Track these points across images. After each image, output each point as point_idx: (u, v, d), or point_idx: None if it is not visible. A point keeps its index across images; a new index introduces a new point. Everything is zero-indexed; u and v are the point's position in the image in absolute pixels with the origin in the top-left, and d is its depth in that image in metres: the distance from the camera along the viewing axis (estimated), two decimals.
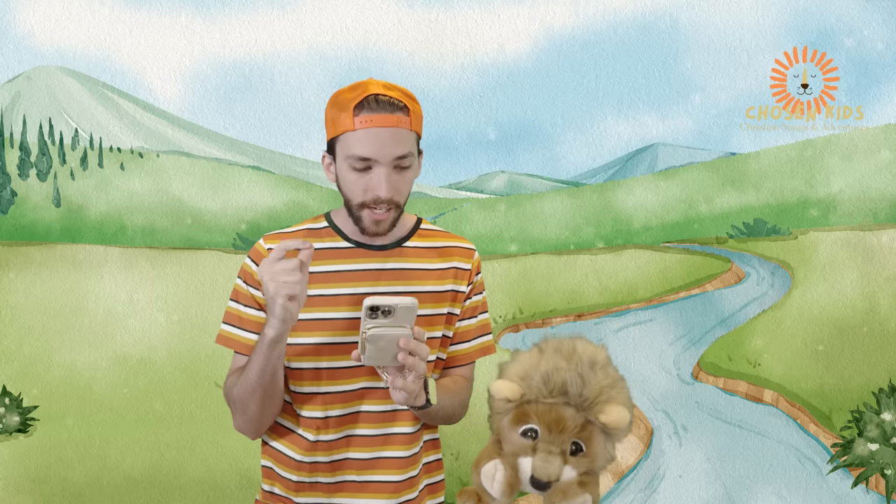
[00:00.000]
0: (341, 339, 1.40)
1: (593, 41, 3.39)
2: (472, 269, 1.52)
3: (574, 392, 0.96)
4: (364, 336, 1.20)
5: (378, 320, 1.19)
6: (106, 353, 3.21)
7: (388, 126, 1.33)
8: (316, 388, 1.41)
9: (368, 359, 1.22)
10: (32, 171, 3.33)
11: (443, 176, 3.49)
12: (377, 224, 1.38)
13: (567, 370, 0.97)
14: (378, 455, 1.43)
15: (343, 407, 1.42)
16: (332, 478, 1.43)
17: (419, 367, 1.23)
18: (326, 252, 1.43)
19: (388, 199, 1.35)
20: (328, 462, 1.42)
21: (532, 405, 0.97)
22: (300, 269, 1.24)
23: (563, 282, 3.51)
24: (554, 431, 0.94)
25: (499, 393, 1.02)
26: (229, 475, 3.07)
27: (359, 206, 1.38)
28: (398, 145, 1.34)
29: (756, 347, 3.46)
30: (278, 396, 1.38)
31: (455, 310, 1.49)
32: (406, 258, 1.46)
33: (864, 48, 3.37)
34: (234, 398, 1.39)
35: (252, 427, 1.41)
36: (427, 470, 1.53)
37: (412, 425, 1.45)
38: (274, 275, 1.23)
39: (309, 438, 1.42)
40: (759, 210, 3.57)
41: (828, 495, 3.21)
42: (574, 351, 1.00)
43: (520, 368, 1.03)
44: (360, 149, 1.33)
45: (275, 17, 3.30)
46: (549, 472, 0.92)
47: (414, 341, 1.22)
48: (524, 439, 0.97)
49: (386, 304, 1.19)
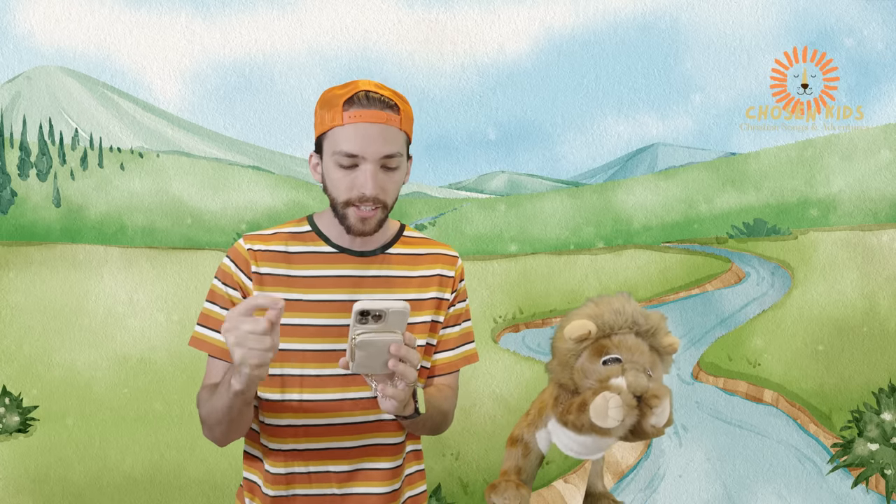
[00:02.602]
0: (320, 346, 1.36)
1: (593, 41, 3.39)
2: (455, 276, 1.48)
3: (641, 322, 1.13)
4: (353, 342, 1.13)
5: (368, 325, 1.13)
6: (106, 353, 3.20)
7: (378, 122, 1.31)
8: (291, 396, 1.37)
9: (358, 366, 1.16)
10: (32, 171, 3.33)
11: (443, 176, 3.49)
12: (363, 222, 1.35)
13: (631, 306, 1.14)
14: (359, 467, 1.40)
15: (322, 416, 1.37)
16: (311, 489, 1.39)
17: (409, 375, 1.18)
18: (308, 256, 1.40)
19: (373, 197, 1.32)
20: (305, 473, 1.39)
21: (606, 339, 1.11)
22: (269, 333, 1.12)
23: (563, 282, 3.51)
24: (635, 353, 1.10)
25: (580, 329, 1.10)
26: (229, 475, 3.07)
27: (344, 205, 1.35)
28: (386, 143, 1.32)
29: (756, 347, 3.46)
30: (246, 424, 1.34)
31: (439, 317, 1.46)
32: (389, 265, 1.42)
33: (864, 48, 3.37)
34: (201, 415, 1.35)
35: (217, 441, 1.37)
36: (409, 482, 1.49)
37: (396, 436, 1.42)
38: (240, 339, 1.11)
39: (283, 449, 1.38)
40: (759, 210, 3.57)
41: (828, 495, 3.21)
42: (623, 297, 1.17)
43: (584, 314, 1.13)
44: (347, 144, 1.31)
45: (275, 17, 3.30)
46: (642, 384, 1.06)
47: (405, 348, 1.15)
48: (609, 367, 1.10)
49: (377, 308, 1.12)
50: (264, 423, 1.41)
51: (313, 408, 1.37)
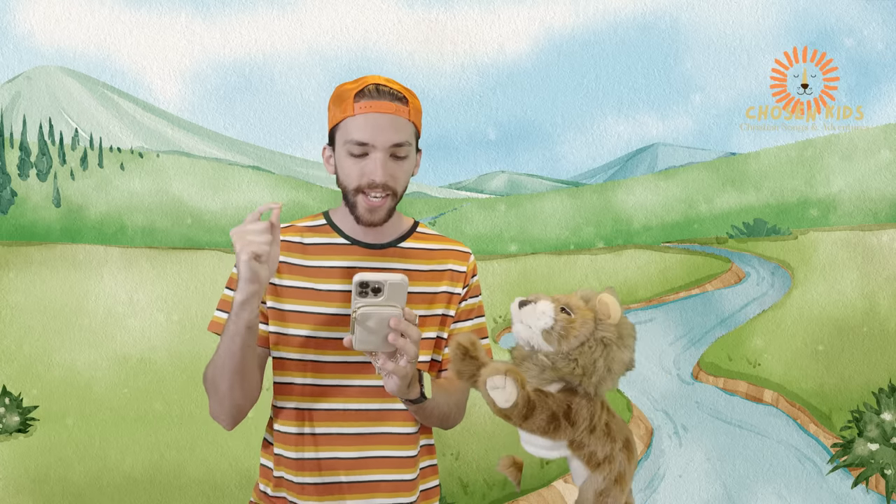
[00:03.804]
0: (331, 333, 1.40)
1: (593, 41, 3.39)
2: (467, 271, 1.52)
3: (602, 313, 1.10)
4: (354, 315, 1.17)
5: (368, 298, 1.17)
6: (106, 353, 3.20)
7: (387, 112, 1.35)
8: (301, 380, 1.41)
9: (359, 342, 1.19)
10: (32, 171, 3.33)
11: (443, 176, 3.49)
12: (371, 212, 1.39)
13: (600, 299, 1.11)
14: (369, 454, 1.42)
15: (329, 401, 1.41)
16: (321, 478, 1.41)
17: (410, 350, 1.21)
18: (322, 248, 1.44)
19: (382, 184, 1.36)
20: (314, 459, 1.41)
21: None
22: (270, 231, 1.24)
23: (563, 282, 3.51)
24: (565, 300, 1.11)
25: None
26: (229, 475, 3.07)
27: (354, 192, 1.38)
28: (396, 132, 1.35)
29: (756, 347, 3.46)
30: (249, 376, 1.35)
31: (450, 311, 1.49)
32: (401, 258, 1.46)
33: (864, 48, 3.37)
34: (206, 377, 1.37)
35: (224, 410, 1.37)
36: (422, 475, 1.51)
37: (408, 425, 1.44)
38: (242, 234, 1.23)
39: (292, 432, 1.41)
40: (759, 210, 3.57)
41: (828, 495, 3.21)
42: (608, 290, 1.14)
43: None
44: (357, 133, 1.35)
45: (275, 17, 3.30)
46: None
47: (405, 322, 1.19)
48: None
49: (375, 280, 1.16)
50: (276, 407, 1.45)
51: (322, 392, 1.41)
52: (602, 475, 1.07)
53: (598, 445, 1.06)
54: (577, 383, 1.05)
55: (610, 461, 1.07)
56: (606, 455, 1.07)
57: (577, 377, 1.04)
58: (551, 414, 1.03)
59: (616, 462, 1.07)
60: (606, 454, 1.07)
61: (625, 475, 1.08)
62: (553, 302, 1.06)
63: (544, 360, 1.05)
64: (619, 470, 1.07)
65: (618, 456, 1.07)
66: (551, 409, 1.03)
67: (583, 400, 1.06)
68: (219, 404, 1.37)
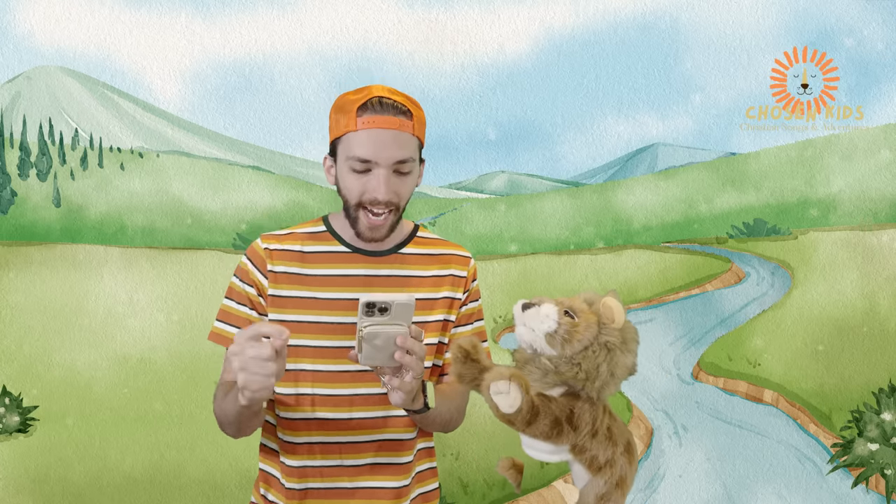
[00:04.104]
0: (333, 342, 1.40)
1: (593, 41, 3.39)
2: (468, 276, 1.51)
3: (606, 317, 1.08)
4: (360, 334, 1.17)
5: (374, 318, 1.17)
6: (106, 353, 3.20)
7: (390, 128, 1.33)
8: (304, 390, 1.41)
9: (366, 358, 1.19)
10: (32, 171, 3.33)
11: (443, 176, 3.49)
12: (372, 230, 1.38)
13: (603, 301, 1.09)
14: (371, 461, 1.43)
15: (333, 410, 1.41)
16: (323, 483, 1.42)
17: (416, 367, 1.21)
18: (322, 255, 1.43)
19: (385, 202, 1.35)
20: (318, 467, 1.42)
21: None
22: (274, 360, 1.14)
23: (563, 282, 3.51)
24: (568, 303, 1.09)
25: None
26: (229, 475, 3.07)
27: (356, 207, 1.37)
28: (399, 149, 1.34)
29: (756, 347, 3.46)
30: (256, 426, 1.38)
31: (451, 316, 1.49)
32: (402, 265, 1.45)
33: (864, 48, 3.37)
34: (215, 412, 1.40)
35: (231, 434, 1.41)
36: (420, 479, 1.52)
37: (408, 432, 1.45)
38: (244, 363, 1.13)
39: (297, 442, 1.42)
40: (759, 210, 3.57)
41: (828, 495, 3.21)
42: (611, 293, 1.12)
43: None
44: (360, 150, 1.33)
45: (275, 17, 3.30)
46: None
47: (411, 339, 1.19)
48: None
49: (382, 300, 1.17)
50: (280, 417, 1.45)
51: (325, 402, 1.41)
52: (603, 479, 1.07)
53: (599, 449, 1.06)
54: (580, 387, 1.04)
55: (611, 465, 1.07)
56: (608, 459, 1.06)
57: (580, 381, 1.04)
58: (554, 419, 1.02)
59: (617, 466, 1.07)
60: (608, 458, 1.07)
61: (626, 479, 1.08)
62: (557, 305, 1.04)
63: (547, 364, 1.05)
64: (620, 474, 1.07)
65: (619, 460, 1.07)
66: (554, 413, 1.03)
67: (585, 404, 1.05)
68: (226, 428, 1.41)
